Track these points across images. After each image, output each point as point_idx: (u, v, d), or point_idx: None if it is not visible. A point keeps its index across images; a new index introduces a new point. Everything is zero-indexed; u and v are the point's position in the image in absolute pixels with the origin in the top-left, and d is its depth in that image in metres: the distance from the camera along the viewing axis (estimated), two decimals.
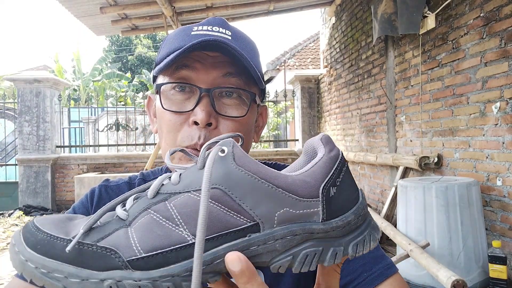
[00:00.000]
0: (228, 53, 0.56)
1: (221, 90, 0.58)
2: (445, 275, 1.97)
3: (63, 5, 4.46)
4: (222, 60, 0.58)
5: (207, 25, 0.59)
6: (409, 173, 3.58)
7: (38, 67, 19.98)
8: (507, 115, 2.42)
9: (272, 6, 5.46)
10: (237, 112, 0.59)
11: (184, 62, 0.57)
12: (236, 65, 0.58)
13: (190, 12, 5.20)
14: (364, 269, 0.60)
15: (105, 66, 19.15)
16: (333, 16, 5.97)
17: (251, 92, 0.60)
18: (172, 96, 0.59)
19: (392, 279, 0.60)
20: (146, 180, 0.71)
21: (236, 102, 0.59)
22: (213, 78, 0.57)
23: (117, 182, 0.71)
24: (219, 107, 0.58)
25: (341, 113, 5.59)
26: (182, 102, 0.58)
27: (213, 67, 0.57)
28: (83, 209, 0.67)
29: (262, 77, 0.62)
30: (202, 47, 0.55)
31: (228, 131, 0.57)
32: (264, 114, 0.70)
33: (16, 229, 4.30)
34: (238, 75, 0.58)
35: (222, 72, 0.58)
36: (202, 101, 0.56)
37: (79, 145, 9.90)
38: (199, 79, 0.57)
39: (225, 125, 0.58)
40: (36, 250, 0.31)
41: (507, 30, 2.39)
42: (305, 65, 11.15)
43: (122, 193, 0.67)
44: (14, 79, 6.15)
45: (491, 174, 2.58)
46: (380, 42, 4.16)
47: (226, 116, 0.58)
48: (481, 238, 2.41)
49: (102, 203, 0.66)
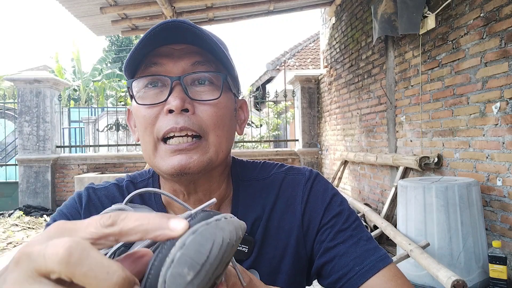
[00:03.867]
0: (193, 41, 0.56)
1: (192, 77, 0.58)
2: (445, 275, 1.97)
3: (63, 5, 4.46)
4: (189, 51, 0.58)
5: (166, 23, 0.58)
6: (409, 173, 3.58)
7: (38, 67, 19.97)
8: (507, 115, 2.42)
9: (272, 6, 5.46)
10: (212, 95, 0.58)
11: (151, 60, 0.58)
12: (203, 54, 0.59)
13: (190, 12, 5.20)
14: (356, 263, 0.60)
15: (105, 66, 19.15)
16: (333, 16, 5.97)
17: (222, 74, 0.59)
18: (145, 93, 0.59)
19: (384, 271, 0.59)
20: (134, 182, 0.70)
21: (209, 88, 0.59)
22: (182, 69, 0.58)
23: (105, 185, 0.69)
24: (193, 94, 0.58)
25: (341, 113, 5.59)
26: (155, 96, 0.58)
27: (181, 58, 0.58)
28: (72, 210, 0.65)
29: (232, 63, 0.61)
30: (165, 39, 0.55)
31: (206, 116, 0.58)
32: (245, 108, 0.70)
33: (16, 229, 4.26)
34: (207, 62, 0.59)
35: (191, 62, 0.58)
36: (175, 89, 0.56)
37: (79, 145, 9.90)
38: (169, 71, 0.57)
39: (202, 110, 0.58)
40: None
41: (507, 30, 2.39)
42: (305, 65, 11.16)
43: (112, 195, 0.67)
44: (14, 79, 6.15)
45: (491, 174, 2.58)
46: (380, 42, 4.16)
47: (201, 101, 0.58)
48: (481, 238, 2.41)
49: (92, 205, 0.66)
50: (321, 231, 0.64)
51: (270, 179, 0.69)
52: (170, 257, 0.27)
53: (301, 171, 0.70)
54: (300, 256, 0.65)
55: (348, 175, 5.44)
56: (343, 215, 0.65)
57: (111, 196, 0.67)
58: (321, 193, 0.67)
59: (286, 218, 0.66)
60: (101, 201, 0.66)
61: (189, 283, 0.26)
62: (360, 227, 0.65)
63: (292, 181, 0.68)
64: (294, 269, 0.65)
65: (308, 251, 0.65)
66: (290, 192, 0.67)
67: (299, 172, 0.69)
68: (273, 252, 0.64)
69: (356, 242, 0.62)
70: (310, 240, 0.65)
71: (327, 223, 0.64)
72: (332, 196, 0.67)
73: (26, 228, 4.96)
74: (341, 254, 0.61)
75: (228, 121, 0.61)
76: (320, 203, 0.66)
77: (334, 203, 0.66)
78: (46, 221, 5.38)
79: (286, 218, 0.66)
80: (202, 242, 0.28)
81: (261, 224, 0.65)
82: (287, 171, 0.70)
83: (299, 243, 0.65)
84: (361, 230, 0.64)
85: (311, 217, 0.65)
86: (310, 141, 6.78)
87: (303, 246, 0.65)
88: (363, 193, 4.91)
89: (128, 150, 7.68)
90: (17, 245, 4.22)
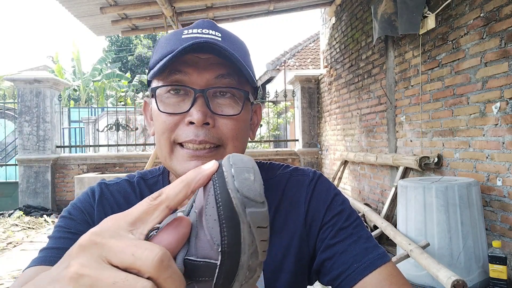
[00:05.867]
0: (219, 54, 0.57)
1: (215, 90, 0.60)
2: (445, 275, 1.97)
3: (63, 5, 4.46)
4: (214, 62, 0.59)
5: (196, 28, 0.61)
6: (409, 173, 3.58)
7: (38, 67, 19.98)
8: (507, 115, 2.42)
9: (272, 6, 5.46)
10: (232, 111, 0.60)
11: (177, 67, 0.59)
12: (228, 66, 0.59)
13: (190, 12, 5.20)
14: (355, 260, 0.61)
15: (105, 66, 19.15)
16: (333, 16, 5.97)
17: (244, 91, 0.61)
18: (167, 99, 0.60)
19: (382, 269, 0.60)
20: (145, 179, 0.72)
21: (230, 101, 0.60)
22: (206, 80, 0.59)
23: (116, 181, 0.71)
24: (214, 107, 0.59)
25: (341, 113, 5.59)
26: (177, 104, 0.60)
27: (206, 70, 0.59)
28: (86, 204, 0.67)
29: (253, 75, 0.63)
30: (193, 50, 0.56)
31: (226, 129, 0.60)
32: (259, 112, 0.72)
33: (16, 229, 4.24)
34: (230, 75, 0.60)
35: (215, 74, 0.59)
36: (197, 102, 0.58)
37: (79, 145, 9.90)
38: (193, 81, 0.59)
39: (222, 123, 0.60)
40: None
41: (507, 30, 2.39)
42: (305, 65, 11.15)
43: (124, 190, 0.69)
44: (14, 79, 6.15)
45: (491, 174, 2.58)
46: (380, 42, 4.16)
47: (222, 115, 0.59)
48: (481, 238, 2.41)
49: (104, 199, 0.68)
50: (323, 229, 0.66)
51: (276, 180, 0.70)
52: (228, 176, 0.30)
53: (305, 172, 0.72)
54: (303, 255, 0.66)
55: (348, 175, 5.44)
56: (344, 214, 0.66)
57: (123, 191, 0.69)
58: (324, 193, 0.68)
59: (290, 217, 0.67)
60: (114, 195, 0.68)
61: (254, 182, 0.31)
62: (360, 226, 0.66)
63: (296, 182, 0.70)
64: (297, 268, 0.66)
65: (310, 249, 0.67)
66: (294, 192, 0.69)
67: (303, 173, 0.71)
68: (276, 251, 0.66)
69: (356, 240, 0.63)
70: (312, 239, 0.66)
71: (329, 222, 0.66)
72: (334, 195, 0.68)
73: (26, 228, 4.96)
74: (341, 252, 0.62)
75: (245, 132, 0.64)
76: (323, 202, 0.67)
77: (336, 203, 0.67)
78: (46, 221, 5.37)
79: (290, 217, 0.67)
80: (242, 157, 0.33)
81: None
82: (292, 172, 0.72)
83: (302, 242, 0.66)
84: (361, 229, 0.66)
85: (313, 216, 0.67)
86: (310, 141, 6.78)
87: (306, 244, 0.66)
88: (363, 193, 4.91)
89: (128, 150, 7.68)
90: (17, 245, 4.22)
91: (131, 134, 8.33)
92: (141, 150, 7.64)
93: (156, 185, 0.71)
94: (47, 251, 0.60)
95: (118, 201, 0.68)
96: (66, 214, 0.65)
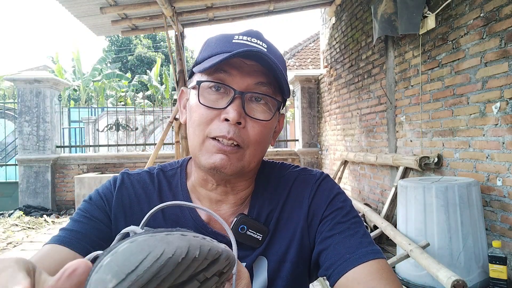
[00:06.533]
0: (264, 63, 0.63)
1: (252, 95, 0.65)
2: (445, 275, 1.97)
3: (63, 5, 4.46)
4: (256, 69, 0.65)
5: (246, 36, 0.67)
6: (409, 173, 3.58)
7: (38, 67, 19.98)
8: (507, 115, 2.42)
9: (272, 6, 5.46)
10: (263, 116, 0.66)
11: (223, 66, 0.64)
12: (268, 76, 0.65)
13: (190, 12, 5.20)
14: (347, 251, 0.63)
15: (105, 66, 19.15)
16: (333, 16, 5.97)
17: (278, 101, 0.67)
18: (208, 94, 0.65)
19: (373, 262, 0.61)
20: (164, 171, 0.77)
21: (263, 108, 0.66)
22: (247, 84, 0.64)
23: (138, 172, 0.77)
24: (248, 109, 0.65)
25: (341, 113, 5.59)
26: (216, 100, 0.64)
27: (248, 75, 0.64)
28: (106, 191, 0.73)
29: (288, 88, 0.69)
30: (243, 56, 0.62)
31: (253, 132, 0.65)
32: (281, 121, 0.77)
33: (16, 229, 4.26)
34: (268, 84, 0.66)
35: (256, 80, 0.65)
36: (235, 102, 0.63)
37: (79, 145, 9.90)
38: (234, 83, 0.64)
39: (251, 126, 0.65)
40: None
41: (507, 30, 2.39)
42: (305, 65, 11.15)
43: (143, 181, 0.75)
44: (14, 79, 6.15)
45: (491, 174, 2.58)
46: (380, 42, 4.16)
47: (254, 118, 0.65)
48: (481, 238, 2.41)
49: (124, 187, 0.73)
50: (322, 222, 0.70)
51: (286, 177, 0.76)
52: (101, 262, 0.27)
53: (313, 172, 0.77)
54: (304, 246, 0.71)
55: (348, 175, 5.44)
56: (343, 210, 0.70)
57: (142, 181, 0.75)
58: (327, 191, 0.73)
59: (294, 211, 0.73)
60: (133, 185, 0.74)
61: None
62: (358, 223, 0.69)
63: (303, 180, 0.75)
64: (298, 259, 0.70)
65: (311, 241, 0.71)
66: (301, 189, 0.74)
67: (311, 173, 0.77)
68: (281, 242, 0.71)
69: (352, 235, 0.66)
70: (313, 231, 0.71)
71: (328, 215, 0.70)
72: (336, 194, 0.73)
73: (26, 228, 4.96)
74: (336, 243, 0.66)
75: (268, 137, 0.69)
76: (325, 198, 0.72)
77: (337, 200, 0.72)
78: (46, 221, 5.37)
79: (295, 211, 0.73)
80: (135, 251, 0.27)
81: (274, 215, 0.73)
82: (301, 171, 0.78)
83: (303, 234, 0.71)
84: (359, 226, 0.69)
85: (315, 211, 0.71)
86: (310, 141, 6.78)
87: (307, 237, 0.71)
88: (363, 193, 4.91)
89: (128, 150, 7.68)
90: (17, 245, 4.22)
91: (131, 134, 8.33)
92: (141, 150, 7.64)
93: (174, 176, 0.76)
94: (64, 231, 0.66)
95: (137, 190, 0.73)
96: (87, 199, 0.72)
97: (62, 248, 0.62)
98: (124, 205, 0.71)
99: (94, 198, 0.71)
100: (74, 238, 0.64)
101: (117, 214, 0.70)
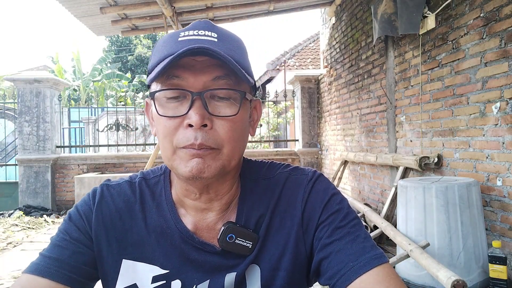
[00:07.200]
0: (214, 57, 0.58)
1: (212, 93, 0.60)
2: (445, 275, 1.97)
3: (63, 5, 4.46)
4: (210, 64, 0.60)
5: (193, 30, 0.62)
6: (409, 173, 3.58)
7: (38, 67, 19.98)
8: (507, 115, 2.42)
9: (272, 6, 5.46)
10: (230, 111, 0.61)
11: (174, 71, 0.59)
12: (224, 68, 0.60)
13: (190, 12, 5.20)
14: (351, 259, 0.60)
15: (105, 66, 19.15)
16: (333, 16, 5.97)
17: (241, 91, 0.62)
18: (166, 103, 0.61)
19: (378, 269, 0.59)
20: (146, 179, 0.73)
21: (227, 102, 0.61)
22: (203, 83, 0.60)
23: (118, 182, 0.73)
24: (212, 108, 0.60)
25: (341, 113, 5.59)
26: (176, 108, 0.60)
27: (202, 72, 0.60)
28: (86, 207, 0.70)
29: (250, 74, 0.64)
30: (190, 54, 0.57)
31: (224, 130, 0.60)
32: (258, 108, 0.72)
33: (16, 229, 4.25)
34: (227, 76, 0.60)
35: (212, 76, 0.60)
36: (195, 104, 0.59)
37: (79, 145, 9.90)
38: (190, 85, 0.59)
39: (220, 124, 0.60)
40: None
41: (507, 30, 2.39)
42: (305, 65, 11.15)
43: (124, 192, 0.71)
44: (14, 79, 6.15)
45: (491, 174, 2.58)
46: (380, 42, 4.16)
47: (220, 116, 0.60)
48: (481, 238, 2.41)
49: (104, 201, 0.70)
50: (319, 228, 0.66)
51: (275, 179, 0.72)
52: None
53: (305, 171, 0.72)
54: (299, 253, 0.67)
55: (348, 175, 5.44)
56: (341, 213, 0.66)
57: (123, 193, 0.71)
58: (321, 192, 0.69)
59: (287, 216, 0.68)
60: (113, 198, 0.70)
61: None
62: (358, 226, 0.66)
63: (295, 181, 0.71)
64: (294, 267, 0.66)
65: (307, 248, 0.67)
66: (292, 191, 0.70)
67: (303, 173, 0.72)
68: (274, 249, 0.67)
69: (353, 240, 0.63)
70: (309, 238, 0.67)
71: (325, 220, 0.66)
72: (331, 195, 0.69)
73: (26, 228, 4.96)
74: (337, 250, 0.62)
75: (243, 131, 0.64)
76: (320, 201, 0.68)
77: (333, 202, 0.68)
78: (46, 221, 5.37)
79: (287, 216, 0.68)
80: None
81: (264, 221, 0.68)
82: (291, 171, 0.73)
83: (298, 241, 0.67)
84: (358, 229, 0.65)
85: (310, 215, 0.67)
86: (310, 141, 6.78)
87: (302, 243, 0.67)
88: (363, 193, 4.91)
89: (128, 150, 7.68)
90: (17, 245, 4.22)
91: (131, 134, 8.33)
92: (141, 150, 7.63)
93: (157, 185, 0.72)
94: (43, 258, 0.64)
95: (117, 204, 0.70)
96: (67, 218, 0.69)
97: (41, 280, 0.60)
98: (105, 221, 0.68)
99: (73, 217, 0.68)
100: (53, 267, 0.62)
101: (98, 232, 0.67)
